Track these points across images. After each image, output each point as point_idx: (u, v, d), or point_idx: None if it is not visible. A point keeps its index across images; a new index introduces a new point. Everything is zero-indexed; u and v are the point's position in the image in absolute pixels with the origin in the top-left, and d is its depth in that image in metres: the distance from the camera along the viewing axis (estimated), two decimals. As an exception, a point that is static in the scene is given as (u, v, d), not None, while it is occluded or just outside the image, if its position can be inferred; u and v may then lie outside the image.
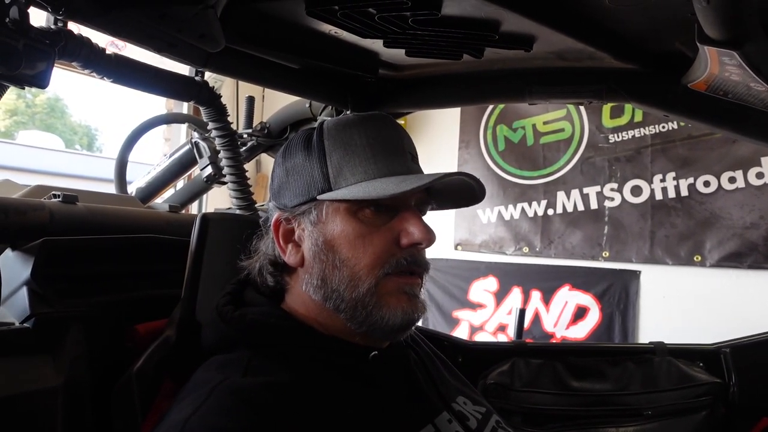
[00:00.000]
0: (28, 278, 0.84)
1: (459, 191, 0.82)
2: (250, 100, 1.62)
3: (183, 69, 1.14)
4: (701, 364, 1.44)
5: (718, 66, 0.84)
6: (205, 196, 3.68)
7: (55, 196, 1.05)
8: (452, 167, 3.69)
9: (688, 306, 2.80)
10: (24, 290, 0.83)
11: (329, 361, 0.71)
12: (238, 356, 0.70)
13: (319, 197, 0.74)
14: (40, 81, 0.69)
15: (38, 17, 0.78)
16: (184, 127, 3.82)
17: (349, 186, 0.73)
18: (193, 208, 3.10)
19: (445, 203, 0.86)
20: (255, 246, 0.84)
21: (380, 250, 0.72)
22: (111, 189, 1.70)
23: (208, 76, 1.19)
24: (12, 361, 0.74)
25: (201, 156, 1.66)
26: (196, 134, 1.69)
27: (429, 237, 0.73)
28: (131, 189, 1.83)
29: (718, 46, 0.74)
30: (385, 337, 0.76)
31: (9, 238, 0.89)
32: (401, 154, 0.76)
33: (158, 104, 4.07)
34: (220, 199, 3.55)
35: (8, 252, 0.90)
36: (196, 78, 1.09)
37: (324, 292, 0.74)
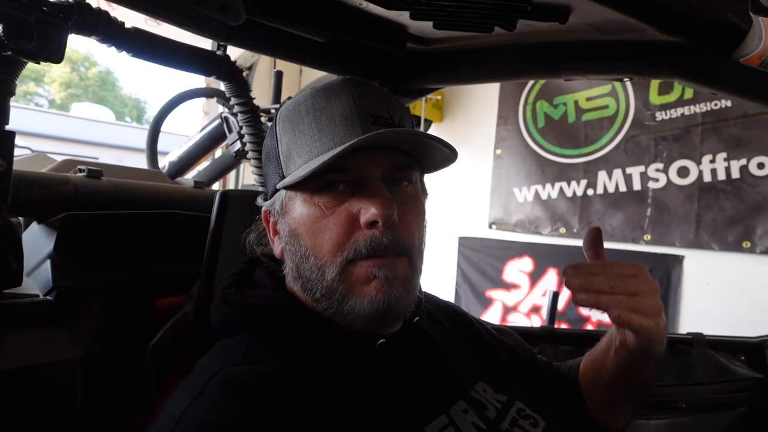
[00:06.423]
0: (51, 252, 0.85)
1: (432, 150, 0.72)
2: (278, 75, 1.60)
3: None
4: (743, 358, 1.37)
5: (773, 39, 0.76)
6: (241, 172, 3.72)
7: (80, 170, 1.06)
8: (489, 144, 3.61)
9: (733, 294, 2.68)
10: (48, 263, 0.85)
11: (333, 349, 0.68)
12: (238, 340, 0.69)
13: (277, 186, 0.72)
14: (53, 55, 0.69)
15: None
16: (222, 101, 3.86)
17: (293, 171, 0.69)
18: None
19: (427, 167, 0.76)
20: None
21: (337, 233, 0.67)
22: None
23: (246, 52, 1.17)
24: (34, 332, 0.76)
25: (230, 131, 1.66)
26: (225, 109, 1.69)
27: (384, 212, 0.64)
28: (164, 163, 1.85)
29: (774, 17, 0.67)
30: (368, 328, 0.69)
31: (34, 211, 0.91)
32: (354, 121, 0.67)
33: (201, 78, 4.12)
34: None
35: (34, 225, 0.92)
36: (218, 52, 1.07)
37: (301, 283, 0.71)
